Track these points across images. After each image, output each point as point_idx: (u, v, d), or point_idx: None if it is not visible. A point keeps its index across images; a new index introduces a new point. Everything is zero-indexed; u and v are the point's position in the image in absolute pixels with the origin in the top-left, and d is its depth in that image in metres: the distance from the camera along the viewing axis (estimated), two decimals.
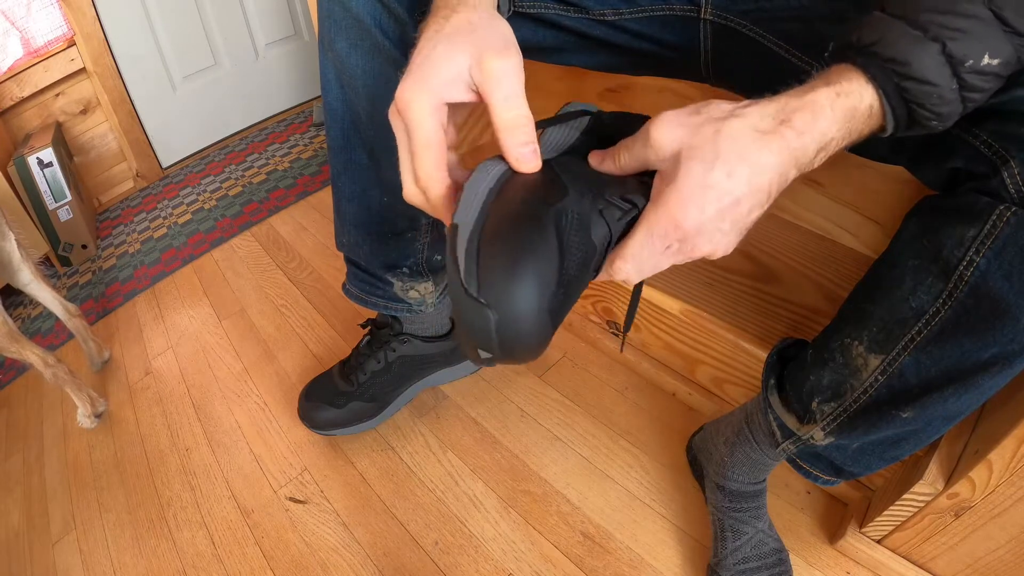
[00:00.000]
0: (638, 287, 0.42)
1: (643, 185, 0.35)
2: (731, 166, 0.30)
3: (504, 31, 0.34)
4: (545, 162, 0.34)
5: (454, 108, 0.35)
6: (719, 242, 0.32)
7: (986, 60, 0.29)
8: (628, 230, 0.34)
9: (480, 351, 0.29)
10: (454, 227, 0.29)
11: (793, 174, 0.31)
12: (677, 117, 0.32)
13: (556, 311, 0.29)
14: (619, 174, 0.35)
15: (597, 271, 0.34)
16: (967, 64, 0.29)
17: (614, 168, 0.35)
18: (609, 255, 0.34)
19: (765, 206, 0.32)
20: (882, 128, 0.32)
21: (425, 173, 0.34)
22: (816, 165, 0.32)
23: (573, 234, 0.30)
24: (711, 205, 0.30)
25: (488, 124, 0.33)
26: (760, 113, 0.30)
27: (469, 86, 0.33)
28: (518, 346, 0.28)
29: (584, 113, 0.39)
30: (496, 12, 0.36)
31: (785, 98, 0.31)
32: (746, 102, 0.31)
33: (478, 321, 0.27)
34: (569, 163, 0.36)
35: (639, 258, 0.33)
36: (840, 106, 0.30)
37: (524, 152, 0.33)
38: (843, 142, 0.31)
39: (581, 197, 0.32)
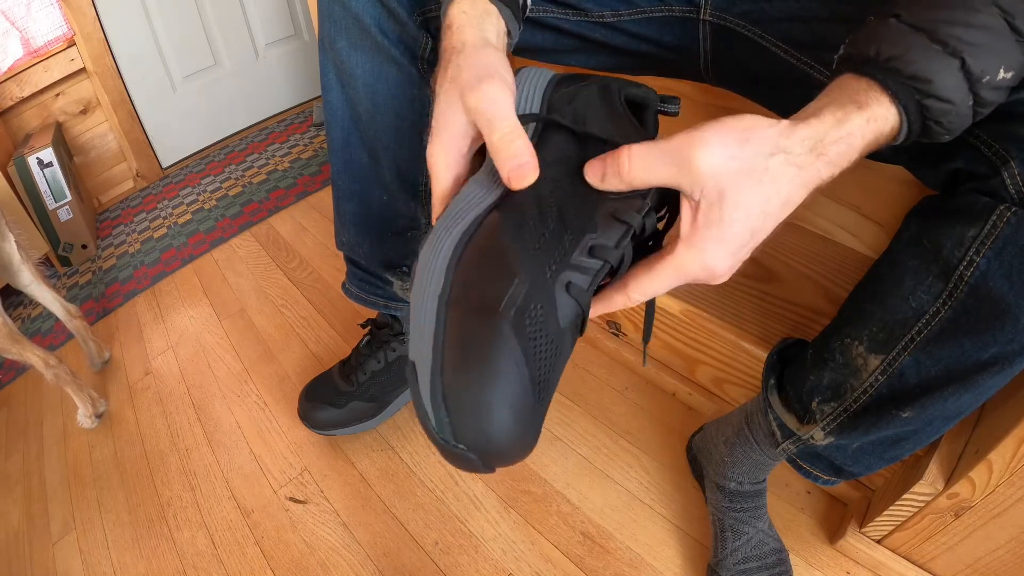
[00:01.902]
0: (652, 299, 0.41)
1: (629, 205, 0.32)
2: (769, 207, 0.29)
3: (484, 62, 0.35)
4: (500, 212, 0.32)
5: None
6: (734, 270, 0.32)
7: (1001, 75, 0.29)
8: (619, 272, 0.33)
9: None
10: (411, 365, 0.28)
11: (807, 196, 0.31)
12: (726, 147, 0.29)
13: (538, 415, 0.29)
14: (625, 190, 0.32)
15: (576, 340, 0.33)
16: (984, 80, 0.29)
17: (621, 185, 0.32)
18: (618, 284, 0.33)
19: None
20: (893, 141, 0.32)
21: (435, 220, 0.36)
22: None
23: (539, 334, 0.28)
24: (745, 250, 0.31)
25: None
26: (801, 144, 0.29)
27: (473, 128, 0.35)
28: (508, 463, 0.29)
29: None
30: (480, 47, 0.37)
31: (824, 127, 0.29)
32: (788, 126, 0.30)
33: (462, 463, 0.28)
34: (524, 197, 0.32)
35: (659, 290, 0.33)
36: (870, 133, 0.30)
37: (515, 166, 0.32)
38: (858, 160, 0.32)
39: (543, 275, 0.29)
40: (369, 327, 0.86)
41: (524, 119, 0.35)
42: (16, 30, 1.41)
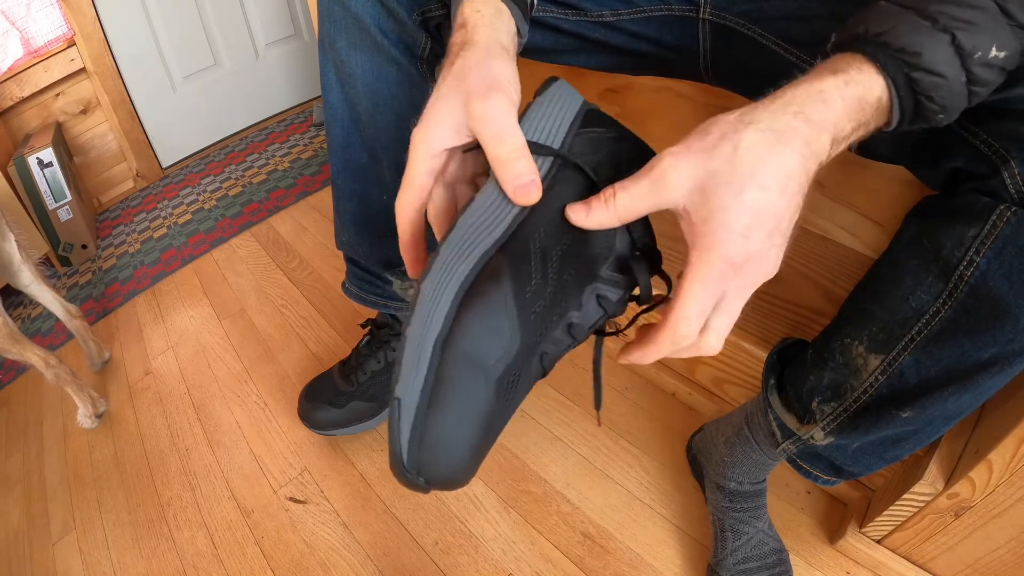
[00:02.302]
0: (596, 365, 0.40)
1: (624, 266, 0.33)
2: (760, 179, 0.28)
3: (494, 72, 0.35)
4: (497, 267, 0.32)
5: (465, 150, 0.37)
6: (773, 261, 0.30)
7: (994, 52, 0.28)
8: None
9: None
10: (396, 401, 0.30)
11: (815, 168, 0.29)
12: (688, 149, 0.29)
13: (486, 452, 0.32)
14: (615, 226, 0.33)
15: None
16: (976, 56, 0.28)
17: (610, 220, 0.32)
18: (661, 324, 0.32)
19: (800, 208, 0.30)
20: (888, 123, 0.31)
21: (398, 205, 0.36)
22: (831, 158, 0.31)
23: (512, 394, 0.31)
24: (756, 230, 0.29)
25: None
26: (770, 113, 0.29)
27: (466, 131, 0.35)
28: (448, 489, 0.31)
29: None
30: (493, 50, 0.36)
31: (791, 91, 0.29)
32: (750, 106, 0.30)
33: (410, 485, 0.30)
34: (525, 251, 0.33)
35: (701, 317, 0.31)
36: (850, 95, 0.29)
37: (520, 184, 0.32)
38: (853, 136, 0.30)
39: (534, 342, 0.31)
40: (369, 327, 0.86)
41: (543, 151, 0.35)
42: (16, 30, 1.41)
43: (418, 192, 0.36)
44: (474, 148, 0.35)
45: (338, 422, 0.85)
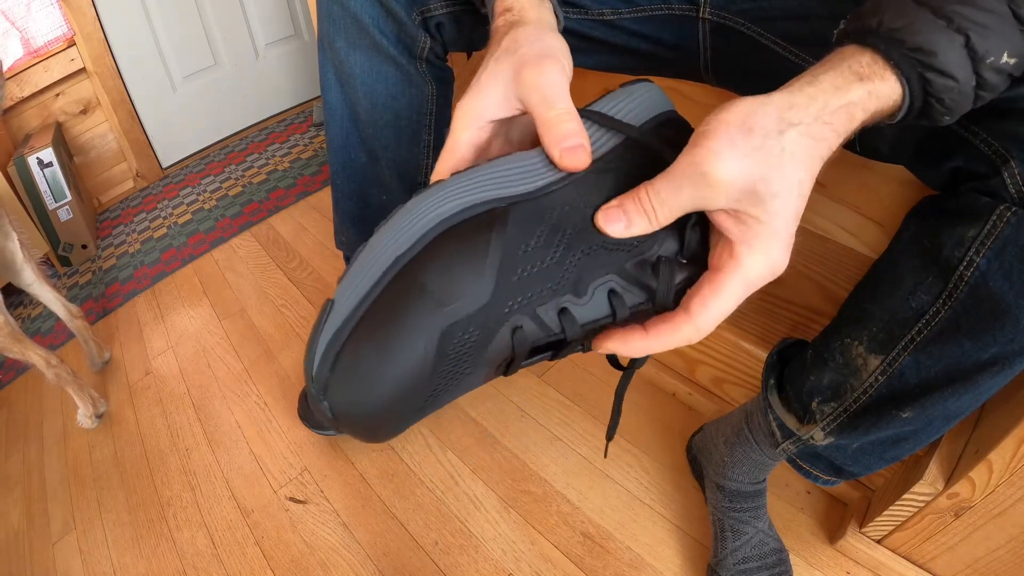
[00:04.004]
0: (621, 390, 0.37)
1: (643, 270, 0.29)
2: (802, 187, 0.28)
3: (548, 43, 0.34)
4: (488, 226, 0.28)
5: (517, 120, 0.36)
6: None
7: (1005, 58, 0.28)
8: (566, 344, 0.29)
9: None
10: (329, 303, 0.26)
11: None
12: (734, 147, 0.27)
13: (408, 418, 0.28)
14: (650, 232, 0.30)
15: (492, 377, 0.30)
16: (988, 60, 0.28)
17: (650, 226, 0.29)
18: (680, 313, 0.29)
19: None
20: (890, 119, 0.30)
21: (437, 170, 0.35)
22: None
23: (458, 355, 0.27)
24: (793, 235, 0.29)
25: None
26: (810, 116, 0.28)
27: (515, 102, 0.34)
28: (354, 436, 0.27)
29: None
30: (544, 27, 0.36)
31: (824, 96, 0.28)
32: (783, 98, 0.28)
33: (316, 410, 0.26)
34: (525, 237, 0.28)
35: (729, 309, 0.29)
36: (871, 108, 0.29)
37: (567, 145, 0.31)
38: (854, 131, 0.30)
39: (501, 308, 0.27)
40: None
41: (611, 124, 0.33)
42: (16, 30, 1.41)
43: (457, 162, 0.34)
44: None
45: None
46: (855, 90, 0.28)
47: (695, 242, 0.30)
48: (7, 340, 0.89)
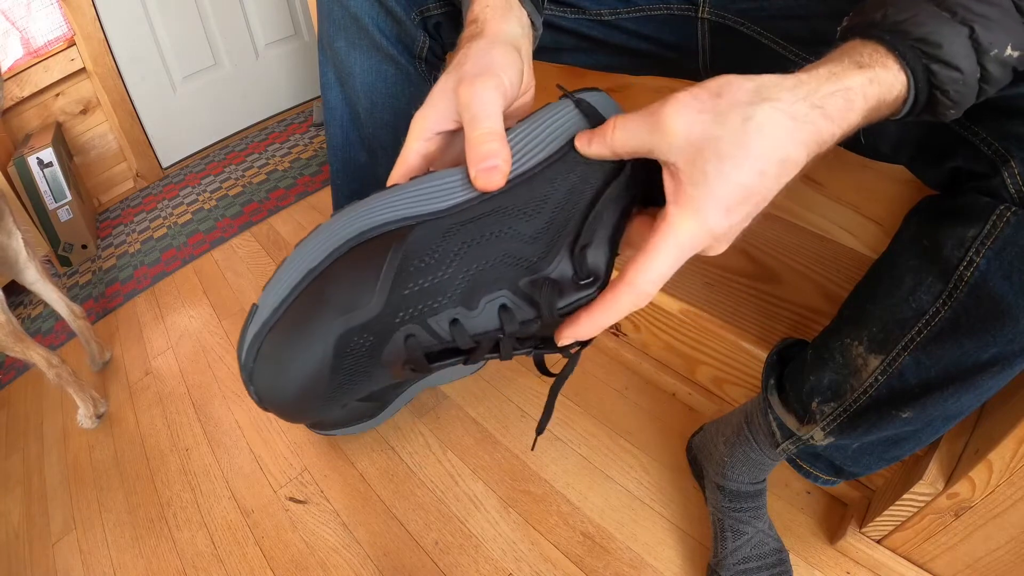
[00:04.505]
0: (556, 389, 0.37)
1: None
2: (764, 163, 0.27)
3: (492, 59, 0.35)
4: (401, 240, 0.31)
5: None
6: (731, 240, 0.30)
7: (1008, 51, 0.28)
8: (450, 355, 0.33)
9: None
10: (254, 307, 0.31)
11: (813, 156, 0.29)
12: (696, 101, 0.28)
13: (321, 406, 0.32)
14: (611, 158, 0.32)
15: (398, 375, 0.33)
16: (992, 53, 0.28)
17: (605, 151, 0.31)
18: (617, 281, 0.30)
19: None
20: (896, 113, 0.30)
21: (391, 177, 0.37)
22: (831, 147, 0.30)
23: (355, 356, 0.31)
24: (742, 208, 0.28)
25: None
26: (792, 96, 0.27)
27: (456, 116, 0.35)
28: (279, 416, 0.33)
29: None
30: (498, 41, 0.36)
31: (816, 80, 0.28)
32: (770, 78, 0.28)
33: (250, 394, 0.32)
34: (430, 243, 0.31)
35: (665, 269, 0.29)
36: (872, 95, 0.28)
37: (483, 166, 0.31)
38: (860, 127, 0.30)
39: (392, 317, 0.30)
40: None
41: (536, 146, 0.34)
42: (16, 30, 1.41)
43: (406, 170, 0.36)
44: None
45: (338, 422, 0.85)
46: (853, 77, 0.28)
47: (587, 265, 0.32)
48: (8, 339, 0.89)
